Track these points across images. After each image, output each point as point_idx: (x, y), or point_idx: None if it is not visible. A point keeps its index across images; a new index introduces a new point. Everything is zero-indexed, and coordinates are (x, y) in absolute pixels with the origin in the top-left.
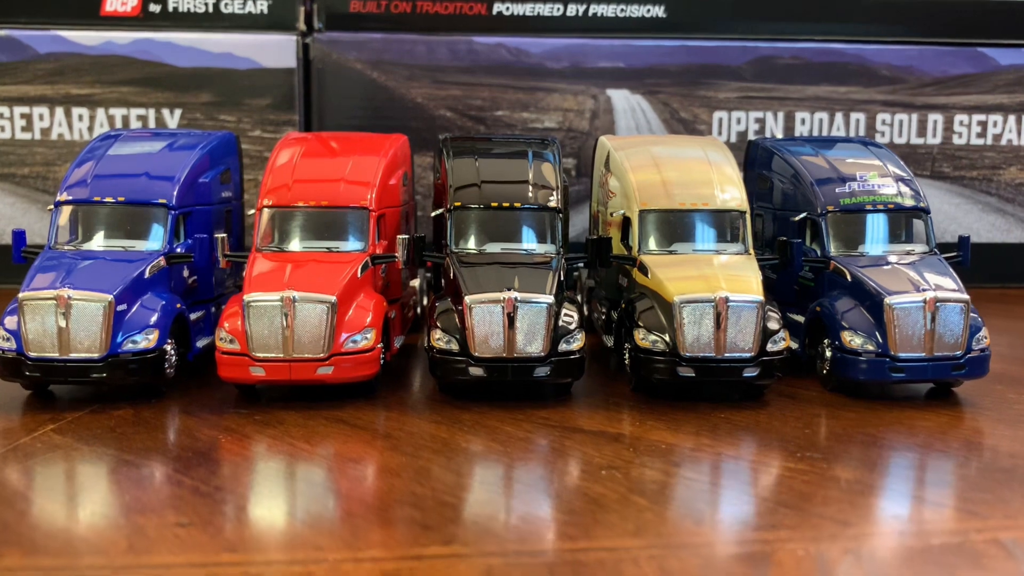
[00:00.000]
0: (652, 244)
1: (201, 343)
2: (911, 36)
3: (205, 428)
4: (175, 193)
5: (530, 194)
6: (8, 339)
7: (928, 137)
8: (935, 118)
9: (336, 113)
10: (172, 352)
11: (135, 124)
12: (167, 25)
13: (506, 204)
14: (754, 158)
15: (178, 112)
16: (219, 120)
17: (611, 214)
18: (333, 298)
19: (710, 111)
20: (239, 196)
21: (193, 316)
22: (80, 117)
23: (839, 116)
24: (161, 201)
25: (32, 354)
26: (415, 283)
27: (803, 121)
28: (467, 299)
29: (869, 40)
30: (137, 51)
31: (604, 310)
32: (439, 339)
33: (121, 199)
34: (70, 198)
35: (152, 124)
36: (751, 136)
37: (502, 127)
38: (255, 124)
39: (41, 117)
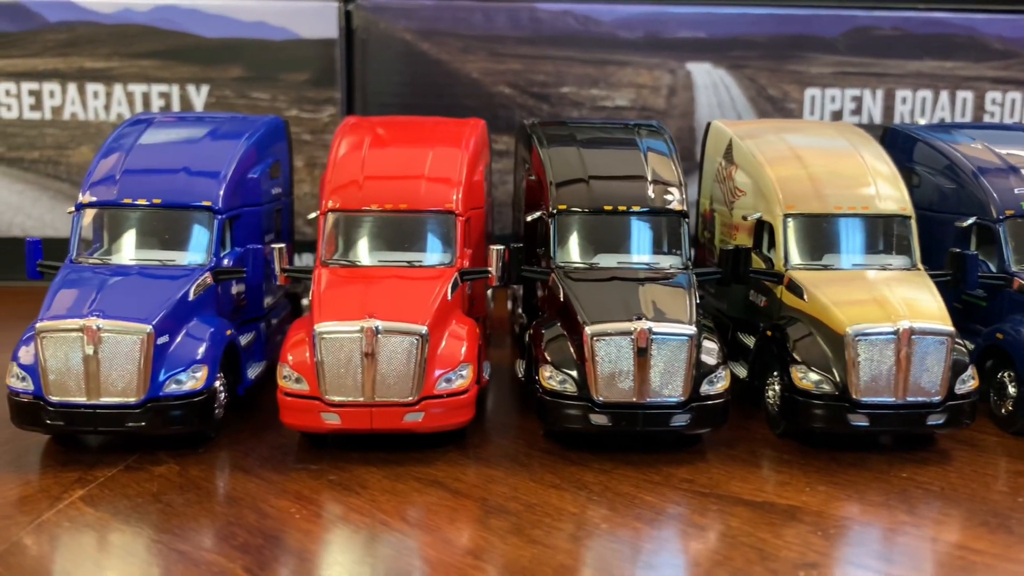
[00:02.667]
0: (801, 256)
1: (252, 372)
2: None
3: (271, 496)
4: (221, 193)
5: (650, 193)
6: (24, 378)
7: None
8: None
9: (381, 90)
10: (222, 389)
11: (157, 102)
12: None
13: (622, 207)
14: (891, 147)
15: (205, 89)
16: (251, 98)
17: (743, 217)
18: (424, 328)
19: (801, 88)
20: (289, 192)
21: (243, 340)
22: (95, 94)
23: (944, 95)
24: (205, 203)
25: (54, 398)
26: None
27: (904, 100)
28: (588, 330)
29: (980, 8)
30: (159, 19)
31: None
32: (550, 377)
33: (157, 201)
34: (95, 199)
35: (176, 102)
36: (847, 117)
37: (567, 106)
38: (291, 102)
39: (52, 94)
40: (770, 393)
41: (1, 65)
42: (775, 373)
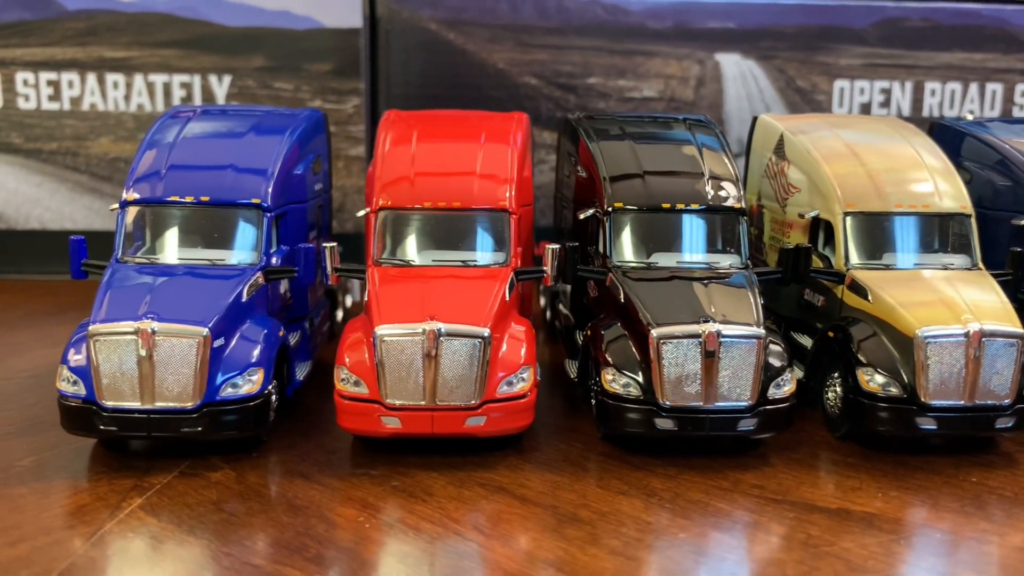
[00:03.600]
0: (861, 255)
1: (300, 372)
2: None
3: (336, 503)
4: (270, 190)
5: (708, 190)
6: (75, 382)
7: None
8: None
9: (406, 80)
10: (274, 392)
11: (178, 92)
12: None
13: (680, 205)
14: (938, 143)
15: (227, 79)
16: (274, 88)
17: (800, 215)
18: (487, 331)
19: (830, 79)
20: (329, 187)
21: (291, 340)
22: (115, 84)
23: (973, 87)
24: (255, 201)
25: (108, 403)
26: None
27: (933, 92)
28: (654, 333)
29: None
30: (180, 8)
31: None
32: (613, 381)
33: (205, 199)
34: (140, 196)
35: (197, 92)
36: (875, 110)
37: (594, 97)
38: (315, 93)
39: (71, 84)
40: (830, 395)
41: (19, 54)
42: (835, 374)
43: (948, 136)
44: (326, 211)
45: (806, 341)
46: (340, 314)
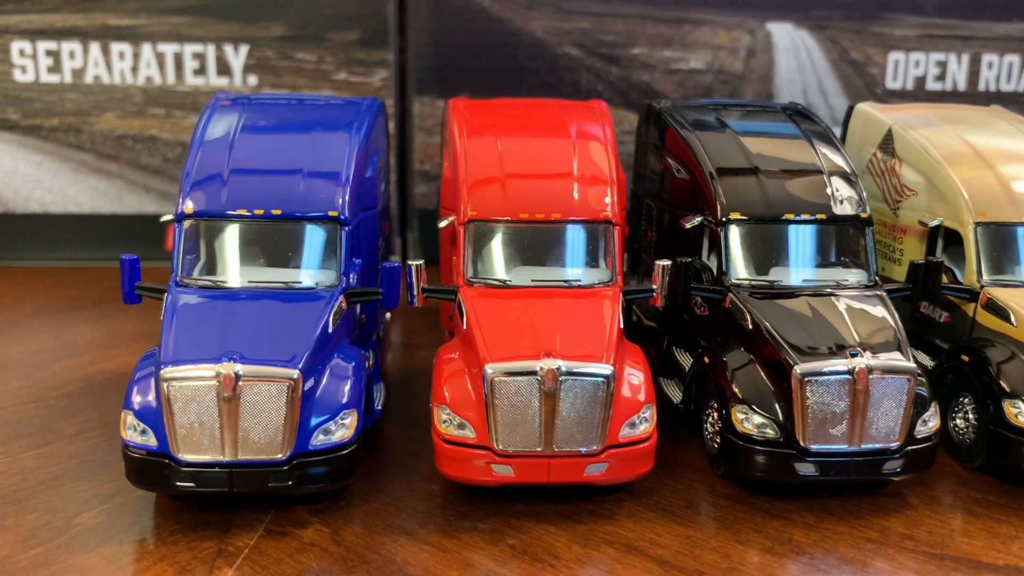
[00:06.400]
0: (994, 270)
1: (378, 400)
2: None
3: (453, 570)
4: (347, 199)
5: (833, 195)
6: (144, 432)
7: None
8: None
9: (436, 52)
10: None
11: (190, 64)
12: None
13: (806, 215)
14: None
15: (244, 49)
16: (295, 59)
17: (919, 223)
18: (610, 368)
19: (884, 51)
20: (388, 186)
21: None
22: (121, 55)
23: None
24: (332, 214)
25: (184, 456)
26: None
27: (990, 65)
28: (798, 369)
29: None
30: None
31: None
32: (745, 420)
33: (276, 212)
34: (200, 208)
35: (211, 64)
36: (930, 84)
37: (638, 69)
38: (340, 65)
39: (72, 55)
40: (960, 423)
41: (14, 21)
42: (964, 399)
43: None
44: (387, 213)
45: (922, 358)
46: (388, 315)
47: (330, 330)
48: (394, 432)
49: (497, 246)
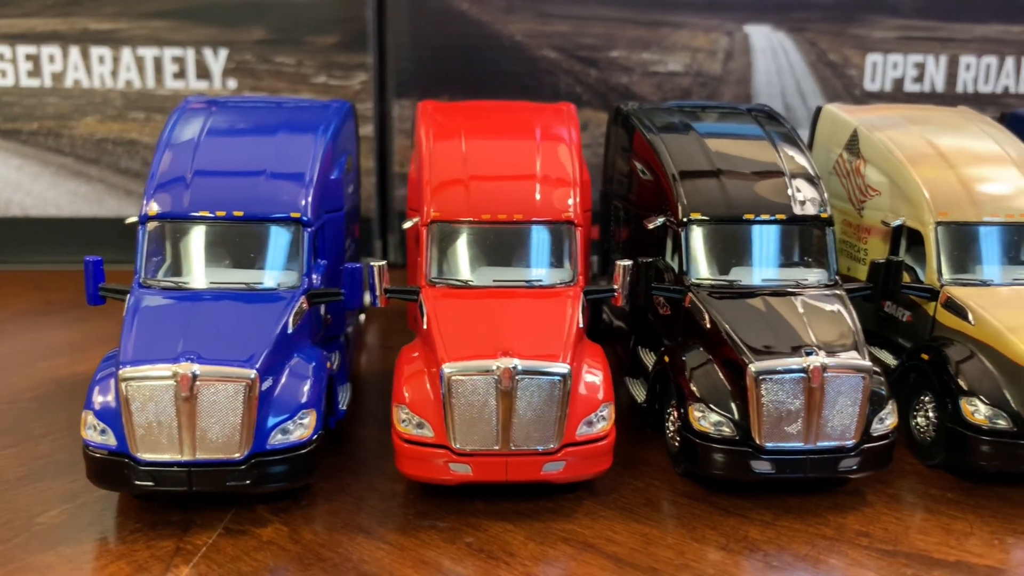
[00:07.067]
0: (955, 269)
1: (343, 400)
2: None
3: (409, 568)
4: (310, 201)
5: (793, 196)
6: (104, 431)
7: None
8: None
9: (416, 55)
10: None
11: (170, 68)
12: None
13: (765, 215)
14: None
15: (223, 53)
16: (275, 63)
17: (882, 222)
18: (567, 367)
19: (863, 53)
20: (358, 187)
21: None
22: (100, 59)
23: (1009, 61)
24: (294, 215)
25: (143, 455)
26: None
27: (968, 67)
28: (752, 368)
29: None
30: None
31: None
32: (702, 418)
33: (239, 213)
34: (163, 210)
35: (191, 68)
36: (908, 85)
37: (616, 71)
38: (319, 68)
39: (52, 59)
40: (921, 421)
41: None
42: (925, 398)
43: (1020, 129)
44: (355, 216)
45: (885, 357)
46: (363, 317)
47: (290, 331)
48: (362, 432)
49: (460, 247)
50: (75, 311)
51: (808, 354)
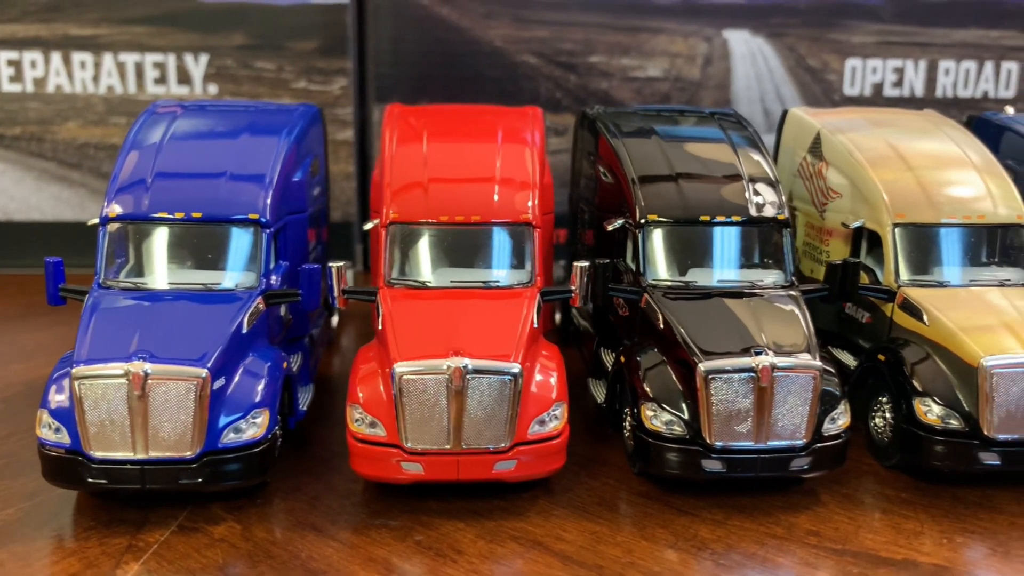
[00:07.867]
0: (912, 271)
1: (304, 400)
2: None
3: (356, 565)
4: (268, 202)
5: (750, 200)
6: (57, 429)
7: None
8: None
9: (396, 60)
10: (279, 430)
11: (151, 74)
12: None
13: (721, 217)
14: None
15: (204, 59)
16: (255, 68)
17: (842, 224)
18: (517, 366)
19: (842, 58)
20: (326, 191)
21: (293, 365)
22: (82, 64)
23: (988, 66)
24: (252, 217)
25: (96, 453)
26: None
27: (947, 72)
28: (702, 367)
29: None
30: None
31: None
32: (654, 417)
33: (197, 215)
34: (123, 211)
35: (172, 73)
36: (888, 90)
37: (596, 77)
38: (299, 73)
39: (33, 64)
40: (879, 422)
41: None
42: (883, 399)
43: (987, 132)
44: (323, 219)
45: (847, 358)
46: (335, 320)
47: (244, 330)
48: (324, 433)
49: (419, 248)
50: (54, 314)
51: (758, 354)
